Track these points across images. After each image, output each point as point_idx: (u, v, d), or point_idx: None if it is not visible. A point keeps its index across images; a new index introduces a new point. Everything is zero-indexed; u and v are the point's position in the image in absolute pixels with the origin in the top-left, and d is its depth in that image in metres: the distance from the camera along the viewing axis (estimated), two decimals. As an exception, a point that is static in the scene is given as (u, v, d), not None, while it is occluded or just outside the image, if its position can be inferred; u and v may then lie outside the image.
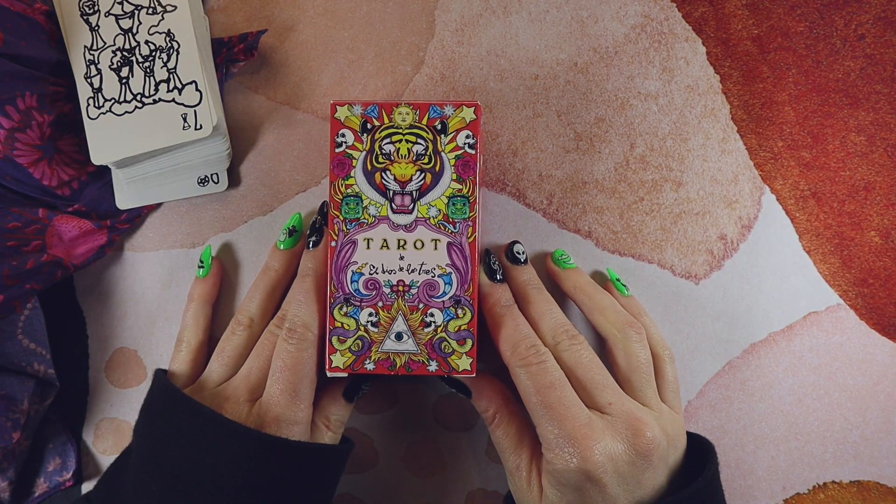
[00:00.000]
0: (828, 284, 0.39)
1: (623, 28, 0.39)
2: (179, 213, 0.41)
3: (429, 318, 0.33)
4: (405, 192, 0.33)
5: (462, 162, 0.33)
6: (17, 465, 0.39)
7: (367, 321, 0.33)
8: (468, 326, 0.33)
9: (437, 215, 0.33)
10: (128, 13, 0.38)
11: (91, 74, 0.38)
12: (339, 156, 0.33)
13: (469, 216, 0.33)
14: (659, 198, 0.39)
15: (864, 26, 0.38)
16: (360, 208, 0.33)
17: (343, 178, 0.33)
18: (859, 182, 0.38)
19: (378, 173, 0.33)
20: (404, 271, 0.33)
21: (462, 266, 0.33)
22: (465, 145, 0.33)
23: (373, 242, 0.33)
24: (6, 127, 0.35)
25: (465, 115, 0.33)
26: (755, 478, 0.39)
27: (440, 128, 0.33)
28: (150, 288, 0.41)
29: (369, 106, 0.33)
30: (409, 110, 0.33)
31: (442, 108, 0.33)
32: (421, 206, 0.33)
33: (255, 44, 0.39)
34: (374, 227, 0.33)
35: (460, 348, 0.33)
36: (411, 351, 0.33)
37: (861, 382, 0.39)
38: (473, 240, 0.33)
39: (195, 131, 0.37)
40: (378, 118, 0.33)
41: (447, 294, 0.33)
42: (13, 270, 0.36)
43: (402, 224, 0.33)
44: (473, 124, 0.33)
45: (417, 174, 0.33)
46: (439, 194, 0.33)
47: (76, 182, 0.39)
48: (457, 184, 0.33)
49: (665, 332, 0.39)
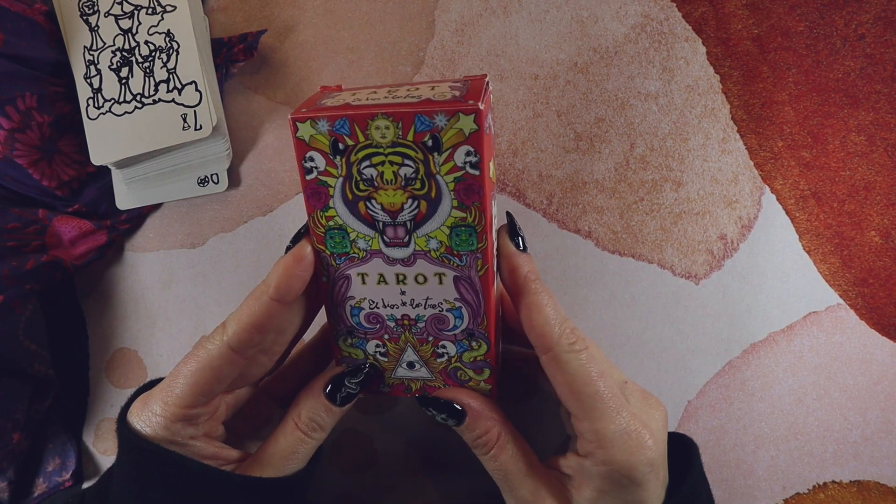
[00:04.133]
0: (828, 284, 0.39)
1: (623, 28, 0.39)
2: (179, 213, 0.41)
3: (441, 350, 0.29)
4: (397, 222, 0.27)
5: (464, 186, 0.26)
6: (16, 466, 0.39)
7: (374, 351, 0.30)
8: (485, 357, 0.29)
9: (439, 248, 0.27)
10: (127, 13, 0.38)
11: (91, 75, 0.38)
12: (312, 184, 0.26)
13: (477, 248, 0.27)
14: (659, 198, 0.39)
15: (864, 26, 0.38)
16: (348, 242, 0.27)
17: (321, 210, 0.27)
18: (859, 182, 0.38)
19: (361, 202, 0.26)
20: (408, 305, 0.29)
21: (473, 300, 0.28)
22: (467, 164, 0.25)
23: (368, 277, 0.28)
24: (6, 127, 0.35)
25: (462, 126, 0.24)
26: (755, 478, 0.39)
27: (431, 144, 0.25)
28: (150, 288, 0.41)
29: (337, 120, 0.25)
30: (389, 123, 0.25)
31: (431, 118, 0.24)
32: (418, 238, 0.27)
33: (255, 44, 0.39)
34: (366, 261, 0.28)
35: (478, 376, 0.30)
36: (425, 378, 0.30)
37: (861, 382, 0.39)
38: (485, 272, 0.27)
39: (195, 131, 0.37)
40: (350, 135, 0.25)
41: (458, 328, 0.29)
42: (13, 271, 0.36)
43: (397, 258, 0.27)
44: (474, 137, 0.24)
45: (409, 202, 0.26)
46: (438, 225, 0.26)
47: (76, 182, 0.39)
48: (459, 212, 0.26)
49: (665, 332, 0.39)
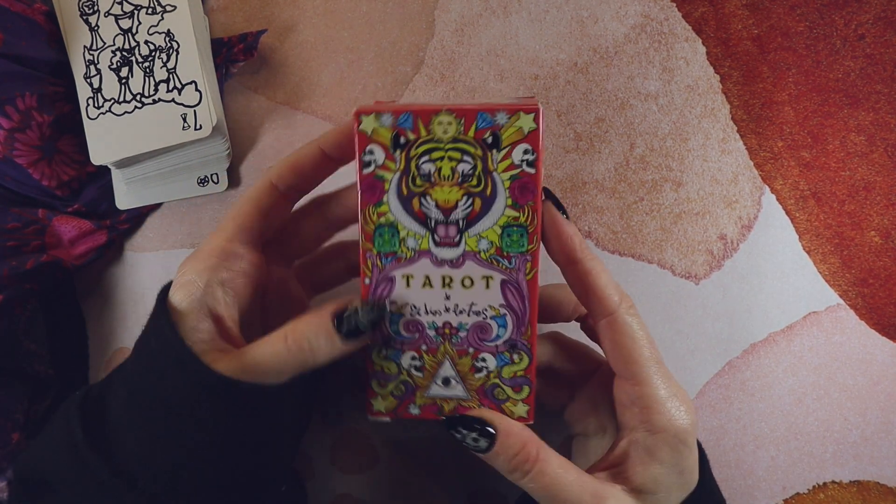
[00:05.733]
0: (828, 284, 0.39)
1: (623, 28, 0.39)
2: (179, 213, 0.41)
3: (480, 364, 0.29)
4: (449, 221, 0.27)
5: (519, 184, 0.27)
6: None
7: (409, 365, 0.29)
8: (525, 373, 0.29)
9: (489, 248, 0.27)
10: (127, 13, 0.38)
11: (91, 74, 0.38)
12: (369, 178, 0.27)
13: (528, 249, 0.27)
14: (659, 198, 0.39)
15: (864, 26, 0.38)
16: (397, 240, 0.28)
17: (374, 205, 0.27)
18: (859, 182, 0.38)
19: (416, 198, 0.27)
20: (451, 312, 0.28)
21: (519, 307, 0.28)
22: (524, 163, 0.26)
23: (413, 280, 0.28)
24: (6, 127, 0.35)
25: (522, 124, 0.26)
26: (755, 478, 0.39)
27: (491, 141, 0.26)
28: (150, 288, 0.41)
29: (402, 114, 0.26)
30: (452, 118, 0.26)
31: (493, 116, 0.26)
32: (469, 237, 0.27)
33: (255, 44, 0.39)
34: (413, 262, 0.28)
35: (516, 395, 0.29)
36: (460, 397, 0.29)
37: (861, 382, 0.39)
38: (533, 276, 0.28)
39: (195, 131, 0.37)
40: (413, 129, 0.27)
41: (501, 338, 0.28)
42: (13, 271, 0.36)
43: (446, 259, 0.28)
44: (533, 135, 0.26)
45: (464, 199, 0.27)
46: (491, 224, 0.27)
47: (76, 182, 0.39)
48: (513, 211, 0.27)
49: (665, 332, 0.39)
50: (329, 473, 0.40)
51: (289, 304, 0.33)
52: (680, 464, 0.28)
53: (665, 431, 0.27)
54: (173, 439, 0.27)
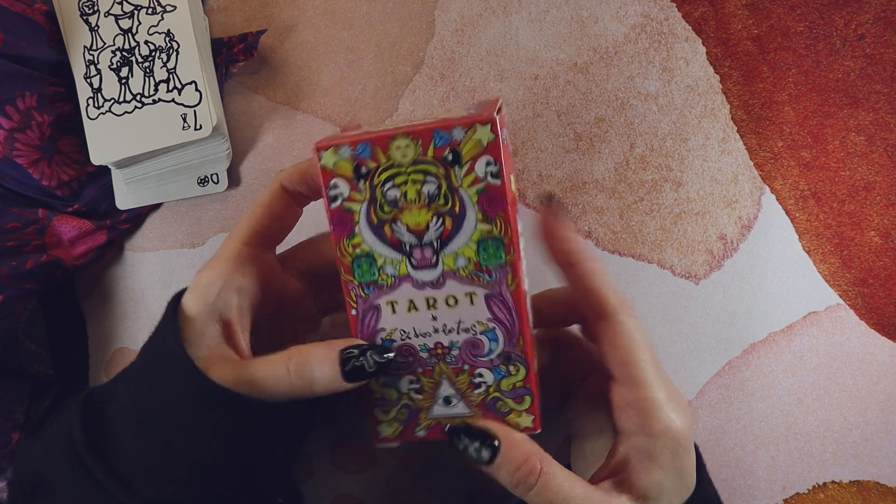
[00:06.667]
0: (828, 284, 0.39)
1: (623, 28, 0.39)
2: (179, 213, 0.41)
3: (477, 380, 0.29)
4: (423, 243, 0.27)
5: (487, 197, 0.26)
6: (17, 466, 0.39)
7: (408, 388, 0.29)
8: (524, 383, 0.29)
9: (467, 265, 0.27)
10: (127, 13, 0.38)
11: (91, 74, 0.38)
12: (338, 211, 0.27)
13: (506, 260, 0.27)
14: (659, 198, 0.39)
15: (864, 26, 0.38)
16: (375, 269, 0.28)
17: (348, 238, 0.28)
18: (859, 182, 0.38)
19: (387, 225, 0.27)
20: (440, 332, 0.28)
21: (507, 319, 0.28)
22: (488, 175, 0.26)
23: (398, 305, 0.28)
24: (6, 127, 0.35)
25: (480, 137, 0.26)
26: (755, 478, 0.39)
27: (451, 158, 0.26)
28: (150, 288, 0.41)
29: (359, 144, 0.26)
30: (409, 141, 0.26)
31: (449, 132, 0.26)
32: (446, 257, 0.27)
33: (255, 44, 0.39)
34: (395, 288, 0.28)
35: (518, 406, 0.29)
36: (464, 414, 0.29)
37: (861, 382, 0.39)
38: (517, 287, 0.27)
39: (195, 131, 0.37)
40: (372, 157, 0.26)
41: (494, 352, 0.28)
42: (13, 271, 0.36)
43: (426, 281, 0.28)
44: (493, 146, 0.26)
45: (434, 220, 0.27)
46: (465, 240, 0.27)
47: (76, 182, 0.39)
48: (485, 224, 0.27)
49: (665, 332, 0.39)
50: (329, 473, 0.40)
51: (301, 320, 0.33)
52: (680, 467, 0.28)
53: (664, 436, 0.27)
54: (169, 445, 0.27)
